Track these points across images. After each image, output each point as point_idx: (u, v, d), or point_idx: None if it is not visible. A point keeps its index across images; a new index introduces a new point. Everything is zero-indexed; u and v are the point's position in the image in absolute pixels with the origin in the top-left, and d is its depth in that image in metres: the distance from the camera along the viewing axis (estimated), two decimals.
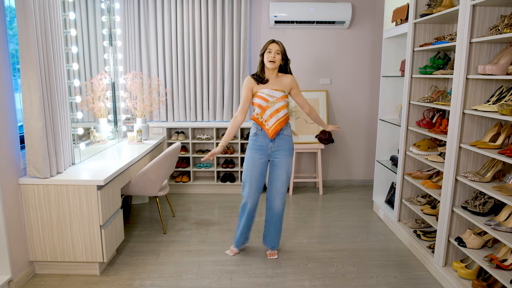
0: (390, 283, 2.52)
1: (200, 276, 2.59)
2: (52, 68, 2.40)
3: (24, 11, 2.17)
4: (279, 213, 2.78)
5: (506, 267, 2.05)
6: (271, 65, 2.58)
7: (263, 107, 2.61)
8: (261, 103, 2.62)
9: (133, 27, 4.20)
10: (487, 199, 2.28)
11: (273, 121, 2.60)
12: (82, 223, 2.47)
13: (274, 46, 2.60)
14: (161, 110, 4.38)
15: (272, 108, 2.60)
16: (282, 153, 2.68)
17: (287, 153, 2.69)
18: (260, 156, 2.68)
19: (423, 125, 2.90)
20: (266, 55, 2.59)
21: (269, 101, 2.61)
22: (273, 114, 2.61)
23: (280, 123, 2.62)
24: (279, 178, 2.70)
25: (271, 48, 2.59)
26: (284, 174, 2.70)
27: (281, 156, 2.69)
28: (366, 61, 4.50)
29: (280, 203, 2.74)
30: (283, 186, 2.71)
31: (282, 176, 2.70)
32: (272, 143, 2.66)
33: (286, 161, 2.70)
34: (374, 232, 3.33)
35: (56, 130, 2.48)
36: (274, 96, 2.62)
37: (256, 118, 2.65)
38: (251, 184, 2.69)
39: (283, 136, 2.67)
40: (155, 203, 4.02)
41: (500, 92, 2.21)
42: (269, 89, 2.63)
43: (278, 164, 2.69)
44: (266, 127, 2.62)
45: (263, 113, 2.62)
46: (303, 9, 4.15)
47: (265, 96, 2.62)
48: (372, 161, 4.65)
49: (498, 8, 2.21)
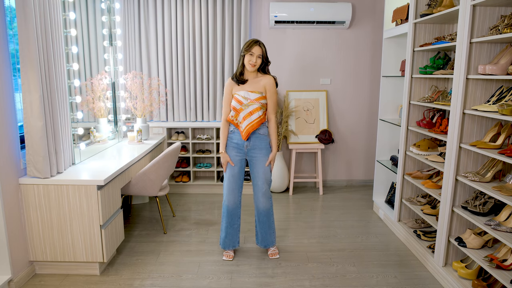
0: (390, 283, 2.52)
1: (200, 276, 2.59)
2: (52, 68, 2.40)
3: (24, 11, 2.17)
4: (265, 210, 2.76)
5: (506, 267, 2.05)
6: (251, 68, 2.59)
7: (237, 110, 2.62)
8: (235, 106, 2.63)
9: (133, 27, 4.20)
10: (487, 199, 2.28)
11: (246, 123, 2.61)
12: (82, 223, 2.47)
13: (257, 49, 2.57)
14: (161, 110, 4.38)
15: (246, 110, 2.61)
16: (258, 151, 2.69)
17: (264, 151, 2.70)
18: (237, 153, 2.70)
19: (423, 125, 2.90)
20: (248, 57, 2.57)
21: (243, 103, 2.61)
22: (246, 117, 2.61)
23: (253, 126, 2.61)
24: (258, 177, 2.71)
25: (253, 51, 2.56)
26: (262, 172, 2.69)
27: (258, 155, 2.70)
28: (366, 61, 4.50)
29: (264, 200, 2.73)
30: (265, 184, 2.71)
31: (260, 174, 2.70)
32: (247, 142, 2.68)
33: (264, 160, 2.70)
34: (374, 232, 3.33)
35: (56, 130, 2.48)
36: (248, 98, 2.61)
37: (231, 120, 2.68)
38: (229, 182, 2.71)
39: (259, 135, 2.68)
40: (155, 203, 4.02)
41: (500, 92, 2.21)
42: (245, 91, 2.63)
43: (256, 163, 2.70)
44: (241, 128, 2.64)
45: (237, 115, 2.64)
46: (303, 9, 4.15)
47: (240, 98, 2.62)
48: (372, 161, 4.65)
49: (498, 8, 2.21)
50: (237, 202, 2.76)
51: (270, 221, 2.82)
